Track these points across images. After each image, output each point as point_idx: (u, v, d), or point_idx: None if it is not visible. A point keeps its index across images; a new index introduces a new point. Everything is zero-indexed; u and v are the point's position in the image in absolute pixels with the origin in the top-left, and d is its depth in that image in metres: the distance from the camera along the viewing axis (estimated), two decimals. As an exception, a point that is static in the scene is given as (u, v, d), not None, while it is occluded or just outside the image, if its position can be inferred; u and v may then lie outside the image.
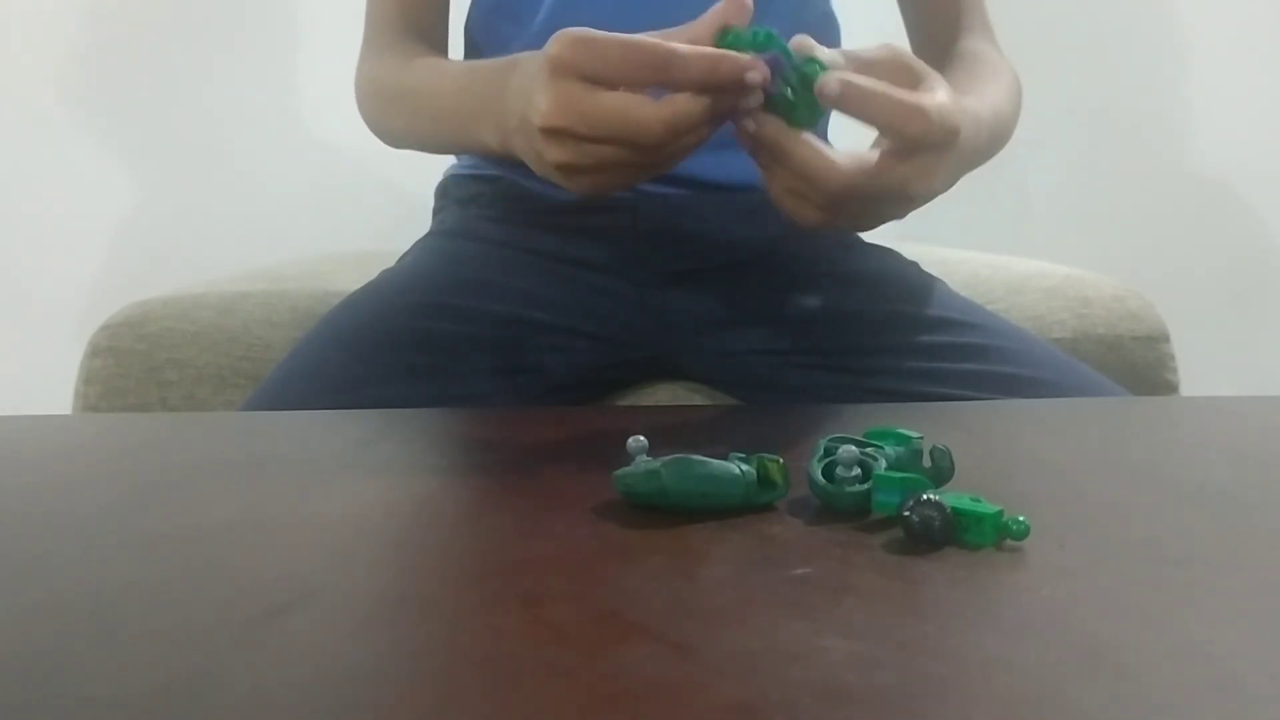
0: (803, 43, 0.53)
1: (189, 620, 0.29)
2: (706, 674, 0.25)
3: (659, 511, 0.38)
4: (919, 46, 0.88)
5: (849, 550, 0.34)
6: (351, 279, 1.04)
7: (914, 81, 0.55)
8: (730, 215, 0.78)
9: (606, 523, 0.37)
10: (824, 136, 0.90)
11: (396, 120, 0.78)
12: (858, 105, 0.51)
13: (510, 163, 0.84)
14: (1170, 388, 0.93)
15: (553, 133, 0.51)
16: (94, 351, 0.88)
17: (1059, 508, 0.38)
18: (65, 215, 1.64)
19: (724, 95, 0.50)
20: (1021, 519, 0.34)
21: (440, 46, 0.84)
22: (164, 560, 0.34)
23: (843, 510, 0.38)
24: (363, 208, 1.62)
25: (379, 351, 0.69)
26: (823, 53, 0.53)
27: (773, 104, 0.52)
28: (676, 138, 0.50)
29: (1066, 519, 0.37)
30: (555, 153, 0.52)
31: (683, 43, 0.50)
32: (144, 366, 0.86)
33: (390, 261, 0.85)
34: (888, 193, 0.54)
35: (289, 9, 1.63)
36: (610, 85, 0.49)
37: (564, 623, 0.28)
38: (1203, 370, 1.34)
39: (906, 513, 0.34)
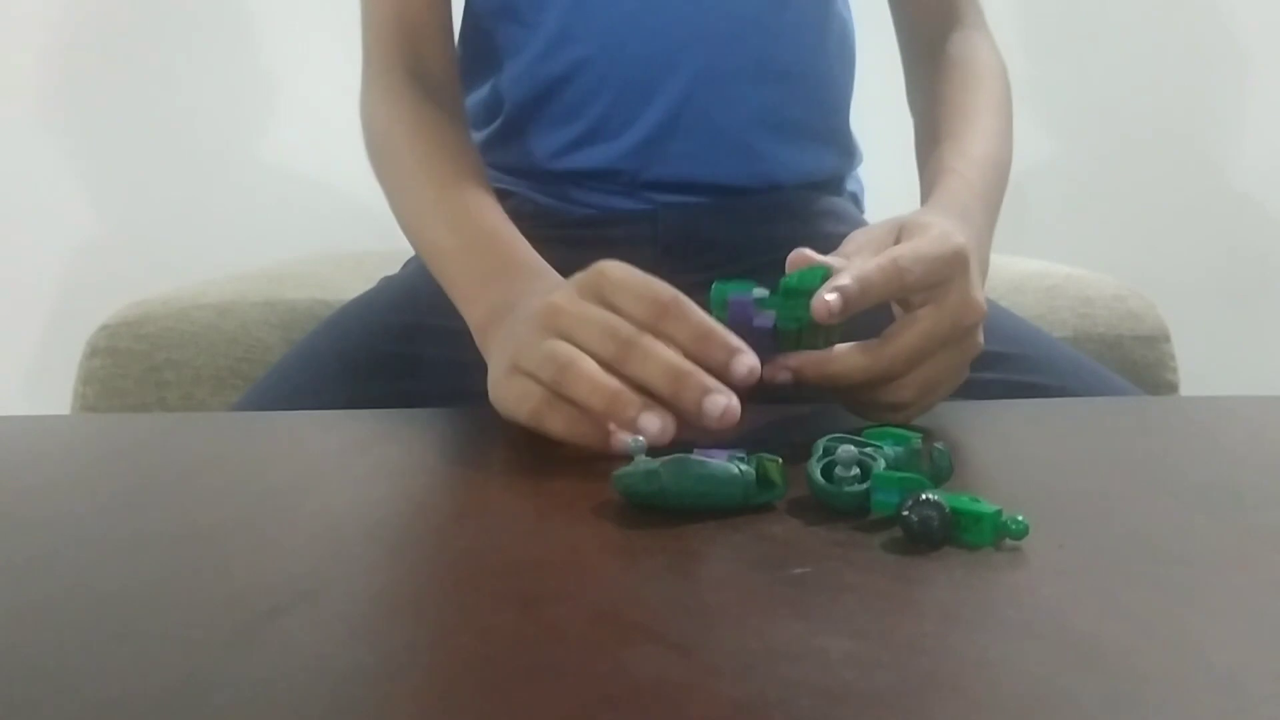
0: (798, 257, 0.51)
1: (187, 621, 0.29)
2: (705, 674, 0.25)
3: (658, 511, 0.38)
4: (905, 41, 0.86)
5: (848, 550, 0.34)
6: (350, 280, 1.04)
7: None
8: (750, 218, 0.78)
9: (605, 523, 0.37)
10: (861, 210, 0.89)
11: (396, 209, 0.72)
12: (860, 304, 0.48)
13: (522, 177, 0.83)
14: (1170, 387, 0.93)
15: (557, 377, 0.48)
16: (92, 352, 0.88)
17: (1058, 507, 0.38)
18: (64, 215, 1.64)
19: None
20: (1020, 518, 0.34)
21: (445, 84, 0.78)
22: (162, 560, 0.34)
23: (842, 510, 0.38)
24: (362, 208, 1.62)
25: (363, 378, 0.67)
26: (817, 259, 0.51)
27: (787, 340, 0.49)
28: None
29: (1065, 518, 0.37)
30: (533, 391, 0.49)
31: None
32: (142, 367, 0.86)
33: (389, 263, 0.85)
34: (950, 334, 0.50)
35: (290, 10, 1.63)
36: (618, 310, 0.48)
37: (563, 623, 0.28)
38: (1203, 370, 1.34)
39: (905, 512, 0.34)
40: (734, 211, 0.78)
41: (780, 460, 0.38)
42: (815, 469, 0.38)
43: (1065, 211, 1.69)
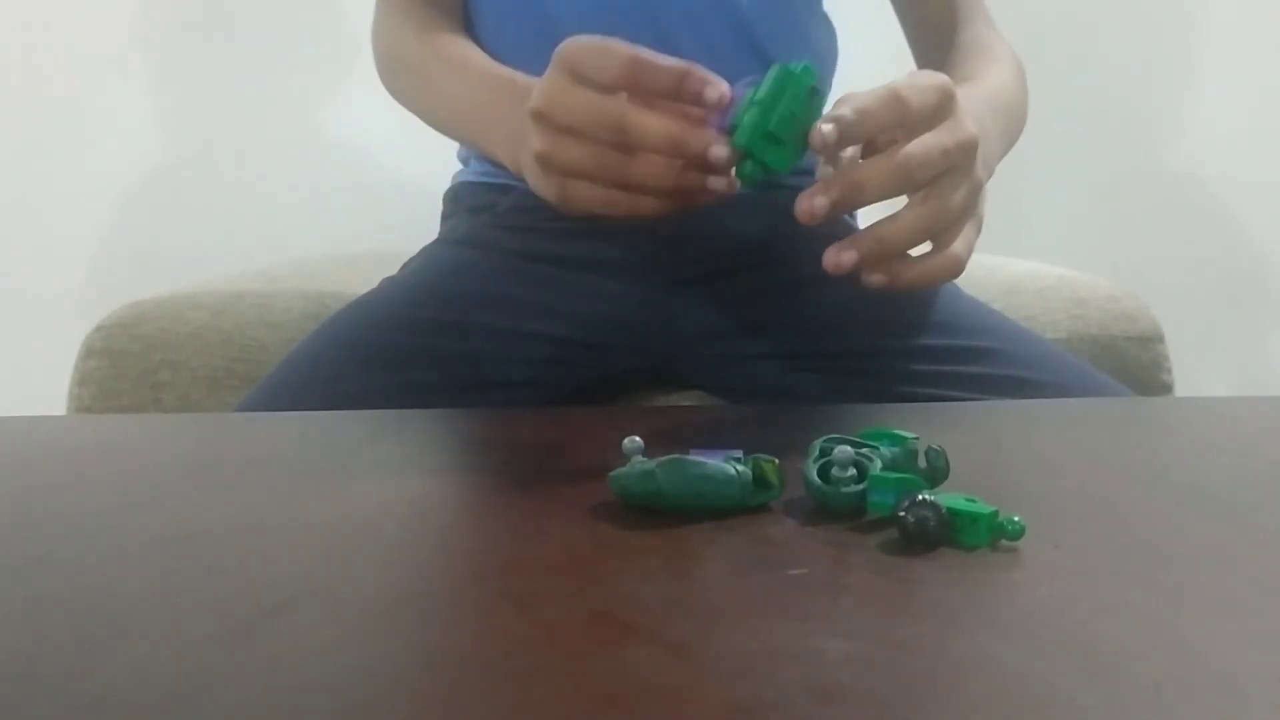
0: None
1: (184, 622, 0.29)
2: (702, 674, 0.25)
3: (654, 512, 0.38)
4: (914, 39, 0.87)
5: (844, 551, 0.34)
6: (347, 279, 1.04)
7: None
8: (748, 215, 0.78)
9: (602, 523, 0.37)
10: None
11: (416, 102, 0.78)
12: (857, 133, 0.49)
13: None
14: (1165, 388, 0.93)
15: (537, 116, 0.52)
16: (88, 353, 0.87)
17: (1054, 508, 0.39)
18: (60, 215, 1.63)
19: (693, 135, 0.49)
20: (1016, 519, 0.34)
21: (453, 10, 0.84)
22: (159, 562, 0.34)
23: (838, 511, 0.38)
24: (359, 208, 1.62)
25: (370, 369, 0.68)
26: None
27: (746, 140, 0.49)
28: (633, 143, 0.49)
29: (1061, 519, 0.37)
30: (536, 140, 0.53)
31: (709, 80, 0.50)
32: (138, 368, 0.86)
33: (386, 262, 0.85)
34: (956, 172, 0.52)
35: (286, 8, 1.62)
36: (598, 87, 0.50)
37: (559, 623, 0.28)
38: (1197, 371, 1.35)
39: (902, 513, 0.34)
40: (732, 206, 0.79)
41: (777, 461, 0.39)
42: (812, 470, 0.38)
43: (1059, 213, 1.69)
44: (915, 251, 0.55)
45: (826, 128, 0.48)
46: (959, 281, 0.81)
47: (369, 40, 0.85)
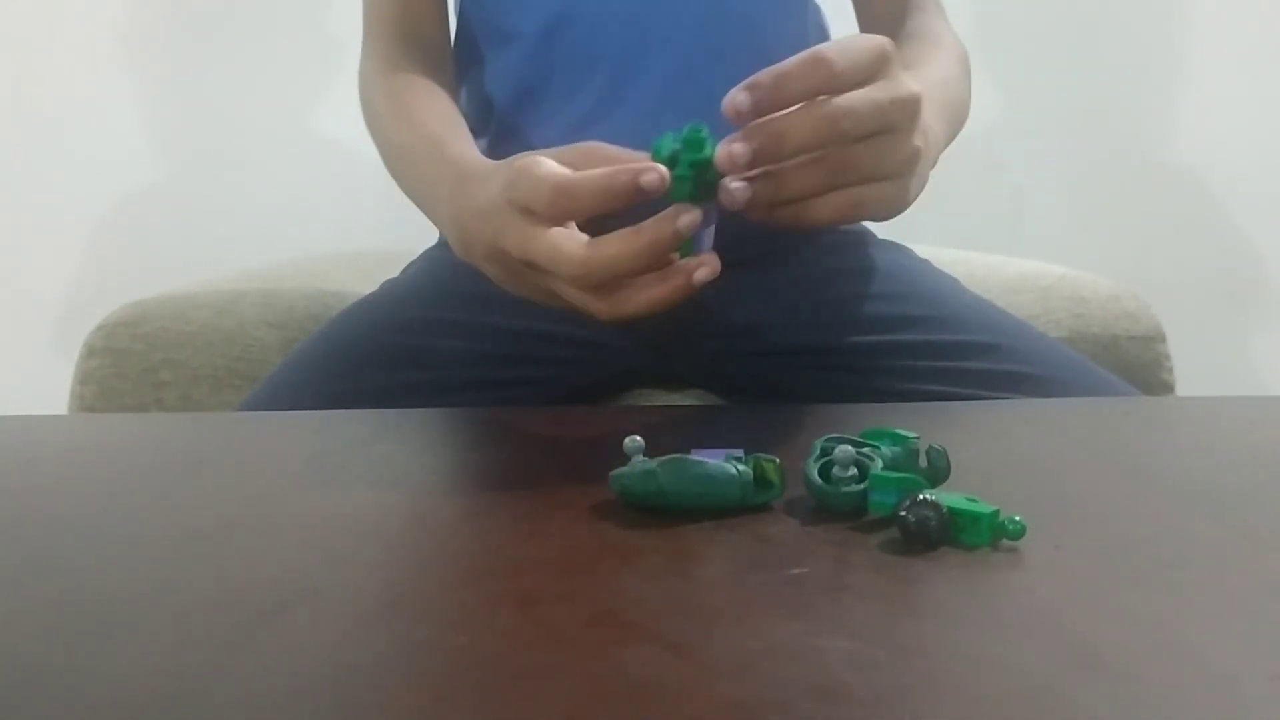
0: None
1: (185, 621, 0.29)
2: (703, 674, 0.25)
3: (655, 511, 0.38)
4: (867, 28, 0.87)
5: (845, 550, 0.34)
6: (348, 279, 1.04)
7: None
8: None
9: (603, 523, 0.37)
10: None
11: (384, 159, 0.77)
12: (770, 101, 0.44)
13: None
14: (1166, 388, 0.93)
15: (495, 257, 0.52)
16: (90, 352, 0.87)
17: (1055, 508, 0.39)
18: (61, 214, 1.63)
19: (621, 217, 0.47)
20: (1017, 519, 0.34)
21: (439, 51, 0.83)
22: (160, 561, 0.34)
23: (839, 510, 0.38)
24: (359, 208, 1.62)
25: (370, 369, 0.69)
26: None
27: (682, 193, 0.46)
28: (616, 275, 0.47)
29: (1062, 519, 0.37)
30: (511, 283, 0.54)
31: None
32: (140, 367, 0.86)
33: (386, 262, 0.85)
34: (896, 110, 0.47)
35: (286, 7, 1.62)
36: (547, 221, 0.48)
37: (560, 623, 0.28)
38: (1199, 371, 1.34)
39: (903, 513, 0.34)
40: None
41: (778, 460, 0.39)
42: (813, 469, 0.38)
43: (1060, 212, 1.69)
44: None
45: (740, 95, 0.43)
46: (960, 278, 0.81)
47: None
